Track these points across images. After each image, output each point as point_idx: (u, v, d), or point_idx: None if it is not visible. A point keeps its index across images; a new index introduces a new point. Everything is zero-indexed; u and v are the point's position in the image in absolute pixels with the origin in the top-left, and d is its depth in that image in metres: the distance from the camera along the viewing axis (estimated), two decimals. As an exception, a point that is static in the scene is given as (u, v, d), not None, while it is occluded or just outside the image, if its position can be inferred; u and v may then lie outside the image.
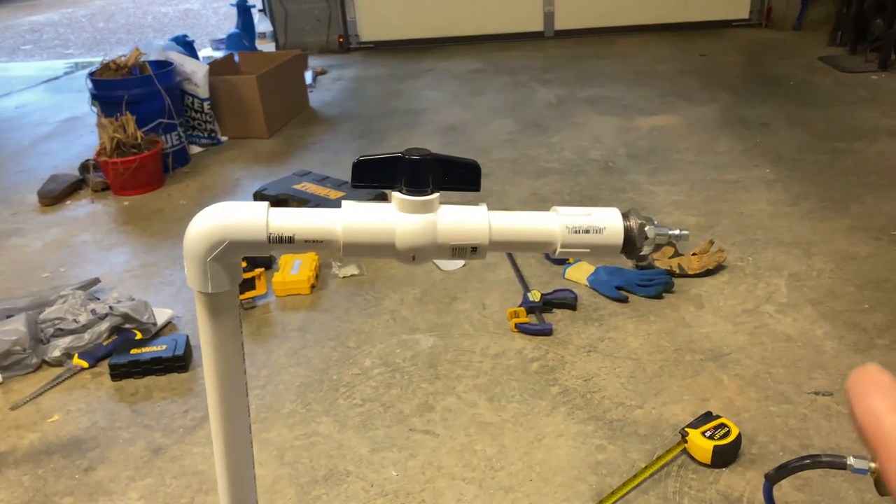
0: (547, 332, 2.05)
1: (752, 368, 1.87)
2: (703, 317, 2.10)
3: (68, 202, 3.26)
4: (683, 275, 2.27)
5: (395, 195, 0.61)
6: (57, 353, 2.07)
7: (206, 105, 3.77)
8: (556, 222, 0.58)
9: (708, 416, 1.63)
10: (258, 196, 2.81)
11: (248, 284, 2.31)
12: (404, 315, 2.23)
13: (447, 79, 4.87)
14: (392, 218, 0.60)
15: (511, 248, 0.61)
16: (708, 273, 2.29)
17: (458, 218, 0.60)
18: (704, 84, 4.32)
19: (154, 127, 3.40)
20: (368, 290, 2.37)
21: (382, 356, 2.03)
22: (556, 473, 1.59)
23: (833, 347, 1.93)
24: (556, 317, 2.14)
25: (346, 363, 2.02)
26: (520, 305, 2.14)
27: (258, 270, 2.32)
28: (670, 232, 0.60)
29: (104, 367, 2.05)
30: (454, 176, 0.59)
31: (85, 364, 2.05)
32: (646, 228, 0.58)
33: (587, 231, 0.58)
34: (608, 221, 0.58)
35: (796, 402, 1.75)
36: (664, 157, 3.28)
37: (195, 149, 3.81)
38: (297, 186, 2.84)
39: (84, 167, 3.41)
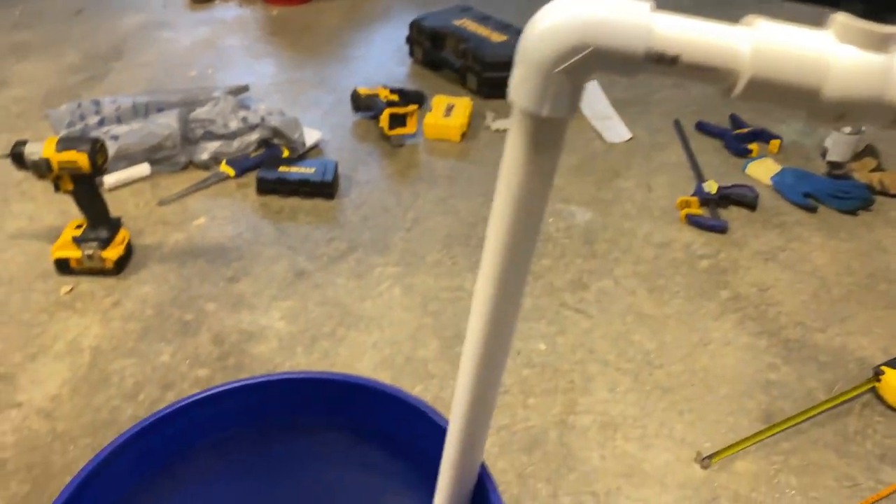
0: (721, 229, 1.84)
1: (958, 313, 1.64)
2: (903, 245, 1.84)
3: (217, 2, 3.14)
4: (885, 193, 1.98)
5: (840, 18, 0.42)
6: (205, 156, 2.02)
7: (363, -81, 3.49)
8: None
9: (909, 358, 1.43)
10: (415, 26, 2.61)
11: (399, 120, 2.17)
12: (559, 183, 2.05)
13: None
14: (827, 49, 0.42)
15: None
16: (914, 196, 1.99)
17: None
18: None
19: (310, -66, 3.18)
20: (523, 148, 2.19)
21: (535, 221, 1.89)
22: (721, 384, 1.45)
23: None
24: (732, 214, 1.92)
25: (495, 221, 1.88)
26: (692, 195, 1.93)
27: (412, 107, 2.17)
28: None
29: (249, 178, 1.99)
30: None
31: (231, 172, 1.99)
32: None
33: None
34: None
35: None
36: None
37: (346, -34, 3.57)
38: (457, 22, 2.60)
39: (234, -32, 3.25)
